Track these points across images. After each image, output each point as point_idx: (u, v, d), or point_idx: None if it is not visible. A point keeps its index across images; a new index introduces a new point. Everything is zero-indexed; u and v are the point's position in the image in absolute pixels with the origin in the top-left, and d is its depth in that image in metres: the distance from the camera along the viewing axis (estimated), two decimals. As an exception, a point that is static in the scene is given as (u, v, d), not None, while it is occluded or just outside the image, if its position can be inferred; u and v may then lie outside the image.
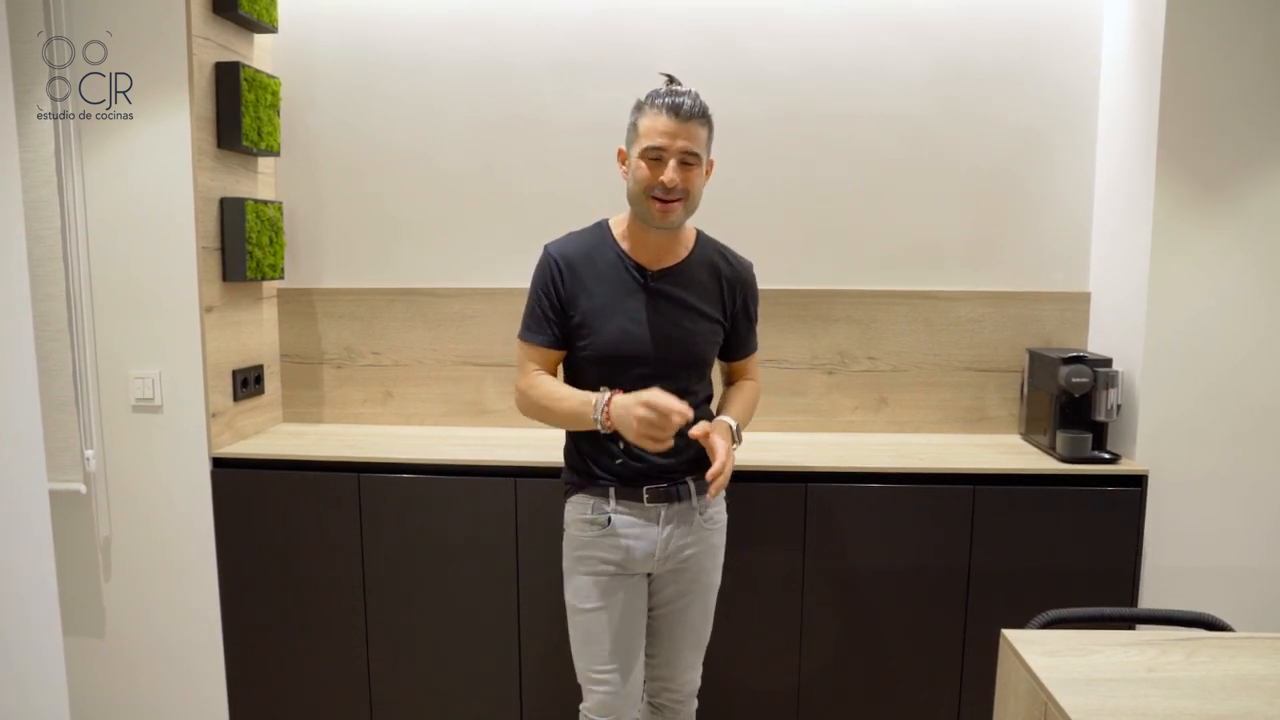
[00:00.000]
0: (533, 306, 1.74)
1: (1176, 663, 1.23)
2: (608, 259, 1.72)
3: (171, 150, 2.16)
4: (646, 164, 1.65)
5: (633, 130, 1.68)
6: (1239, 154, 2.11)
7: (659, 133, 1.63)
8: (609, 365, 1.69)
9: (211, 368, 2.23)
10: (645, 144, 1.64)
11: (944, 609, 2.16)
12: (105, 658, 2.32)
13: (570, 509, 1.78)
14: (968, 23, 2.39)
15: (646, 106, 1.67)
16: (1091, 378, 2.16)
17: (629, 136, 1.70)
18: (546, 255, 1.74)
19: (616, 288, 1.70)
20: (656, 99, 1.66)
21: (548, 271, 1.72)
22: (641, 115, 1.67)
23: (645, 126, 1.65)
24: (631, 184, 1.68)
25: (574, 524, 1.76)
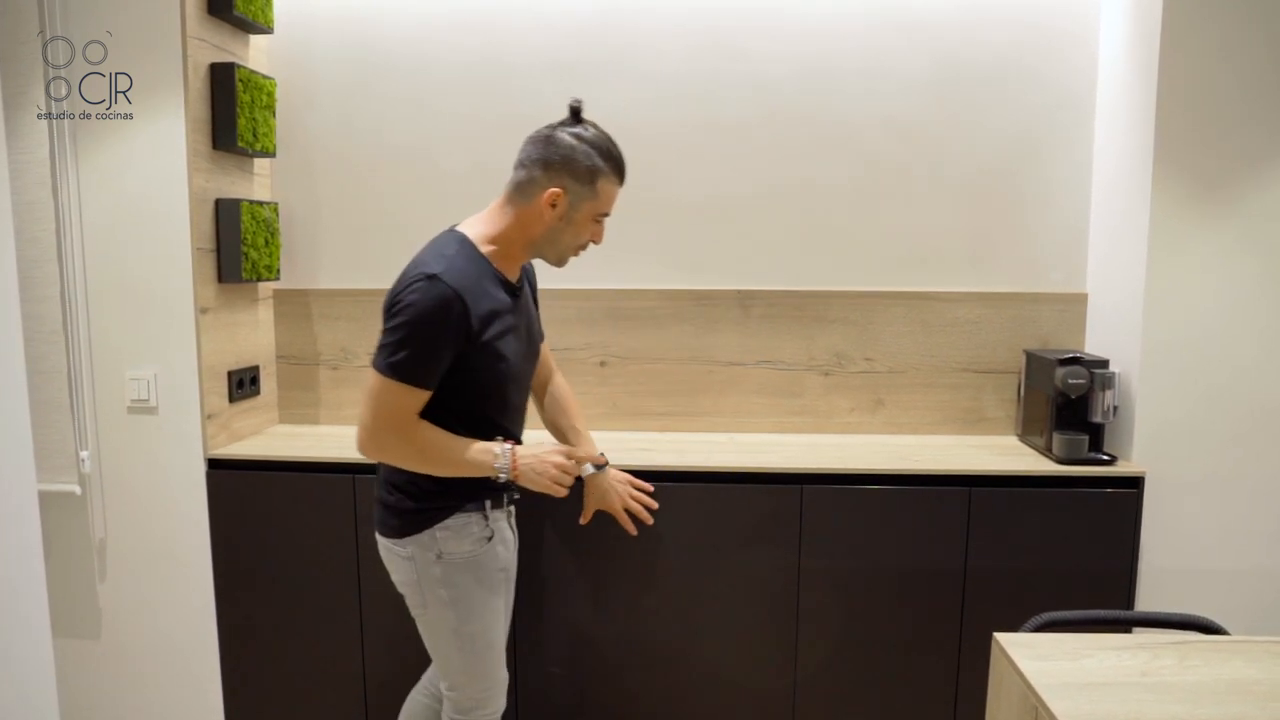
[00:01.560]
0: (420, 349, 1.56)
1: (1169, 667, 1.23)
2: (489, 280, 1.66)
3: (167, 151, 2.16)
4: (595, 225, 1.72)
5: (590, 189, 1.67)
6: (1236, 154, 2.11)
7: (613, 200, 1.72)
8: (501, 383, 1.70)
9: (207, 369, 2.23)
10: (603, 210, 1.71)
11: (940, 611, 2.15)
12: (100, 659, 2.32)
13: (447, 535, 1.69)
14: (965, 24, 2.38)
15: (608, 172, 1.68)
16: (1088, 379, 2.15)
17: (577, 189, 1.66)
18: (447, 290, 1.55)
19: (504, 310, 1.68)
20: (613, 163, 1.69)
21: (451, 312, 1.56)
22: (604, 178, 1.68)
23: (606, 192, 1.69)
24: (569, 236, 1.70)
25: (460, 548, 1.70)
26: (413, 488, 1.70)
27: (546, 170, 1.66)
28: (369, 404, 1.61)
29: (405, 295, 1.57)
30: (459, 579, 1.72)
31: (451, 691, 1.80)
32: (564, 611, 2.20)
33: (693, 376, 2.51)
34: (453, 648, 1.76)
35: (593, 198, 1.67)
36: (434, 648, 1.80)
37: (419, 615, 1.78)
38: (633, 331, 2.50)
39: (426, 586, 1.72)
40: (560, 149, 1.65)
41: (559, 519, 2.16)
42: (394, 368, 1.57)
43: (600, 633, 2.20)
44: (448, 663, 1.79)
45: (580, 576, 2.18)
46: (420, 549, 1.70)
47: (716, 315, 2.49)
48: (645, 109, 2.45)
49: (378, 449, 1.65)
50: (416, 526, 1.70)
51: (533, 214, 1.68)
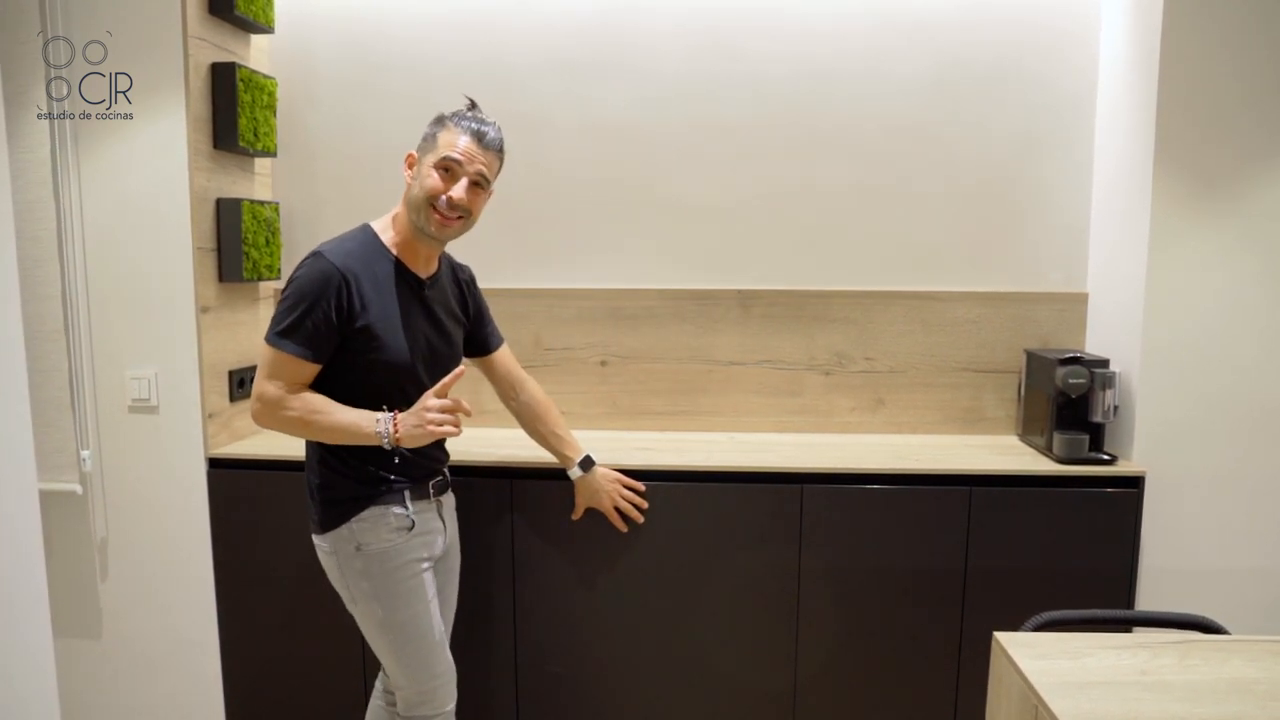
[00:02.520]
0: (301, 317, 1.62)
1: (1168, 666, 1.23)
2: (385, 268, 1.72)
3: (167, 151, 2.16)
4: (438, 174, 1.70)
5: (430, 140, 1.72)
6: (1236, 154, 2.11)
7: (459, 150, 1.70)
8: (391, 374, 1.72)
9: (208, 368, 2.23)
10: (443, 154, 1.69)
11: (941, 610, 2.15)
12: (101, 658, 2.33)
13: (364, 526, 1.71)
14: (966, 24, 2.38)
15: (450, 123, 1.72)
16: (1089, 378, 2.15)
17: (423, 146, 1.73)
18: (328, 265, 1.64)
19: (397, 298, 1.72)
20: (462, 120, 1.72)
21: (330, 284, 1.63)
22: (442, 129, 1.72)
23: (445, 140, 1.70)
24: (417, 190, 1.72)
25: (378, 539, 1.72)
26: (329, 480, 1.73)
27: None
28: (259, 373, 1.68)
29: (295, 273, 1.68)
30: (379, 569, 1.73)
31: (399, 690, 1.81)
32: (564, 611, 2.20)
33: (693, 376, 2.51)
34: (385, 641, 1.77)
35: (434, 147, 1.71)
36: (372, 644, 1.82)
37: (351, 610, 1.80)
38: (633, 331, 2.50)
39: (350, 580, 1.74)
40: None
41: (558, 520, 2.16)
42: (278, 336, 1.65)
43: (600, 632, 2.20)
44: (386, 659, 1.80)
45: (580, 576, 2.18)
46: (340, 542, 1.73)
47: (717, 315, 2.49)
48: (645, 109, 2.45)
49: (267, 415, 1.68)
50: (335, 521, 1.73)
51: (406, 187, 1.76)
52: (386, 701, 1.96)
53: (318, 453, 1.76)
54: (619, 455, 2.20)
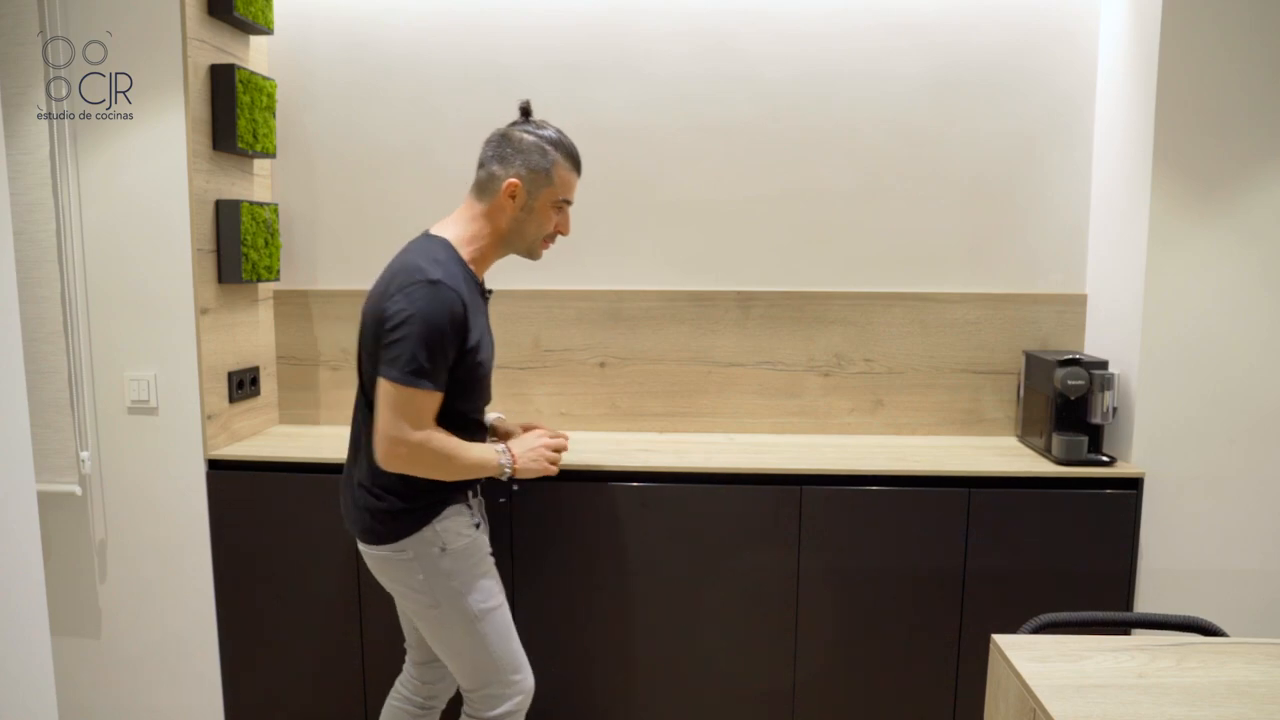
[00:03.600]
0: (433, 353, 1.59)
1: (1167, 669, 1.23)
2: (472, 284, 1.73)
3: (167, 152, 2.16)
4: (554, 212, 1.78)
5: (544, 176, 1.75)
6: (1235, 156, 2.11)
7: (571, 187, 1.80)
8: (482, 387, 1.77)
9: (207, 369, 2.23)
10: (561, 196, 1.78)
11: (939, 612, 2.15)
12: (101, 659, 2.33)
13: (446, 526, 1.71)
14: (965, 26, 2.38)
15: (559, 158, 1.76)
16: (1088, 380, 2.15)
17: (534, 179, 1.74)
18: (452, 295, 1.61)
19: (482, 312, 1.76)
20: (565, 151, 1.78)
21: (455, 313, 1.61)
22: (555, 166, 1.76)
23: (561, 179, 1.77)
24: (534, 226, 1.77)
25: (459, 537, 1.73)
26: (404, 488, 1.69)
27: (503, 164, 1.74)
28: (391, 415, 1.60)
29: (407, 303, 1.59)
30: (465, 566, 1.73)
31: (478, 690, 1.77)
32: (563, 612, 2.20)
33: (692, 377, 2.51)
34: (475, 637, 1.74)
35: (549, 184, 1.75)
36: (452, 647, 1.76)
37: (430, 616, 1.74)
38: (632, 332, 2.50)
39: (436, 582, 1.71)
40: (514, 144, 1.75)
41: (558, 521, 2.16)
42: (414, 375, 1.59)
43: (599, 633, 2.20)
44: (473, 657, 1.75)
45: (579, 577, 2.18)
46: (423, 545, 1.70)
47: (716, 316, 2.49)
48: (644, 110, 2.45)
49: (407, 460, 1.64)
50: (415, 525, 1.70)
51: (496, 209, 1.75)
52: (412, 705, 1.92)
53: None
54: (618, 457, 2.20)
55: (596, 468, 2.15)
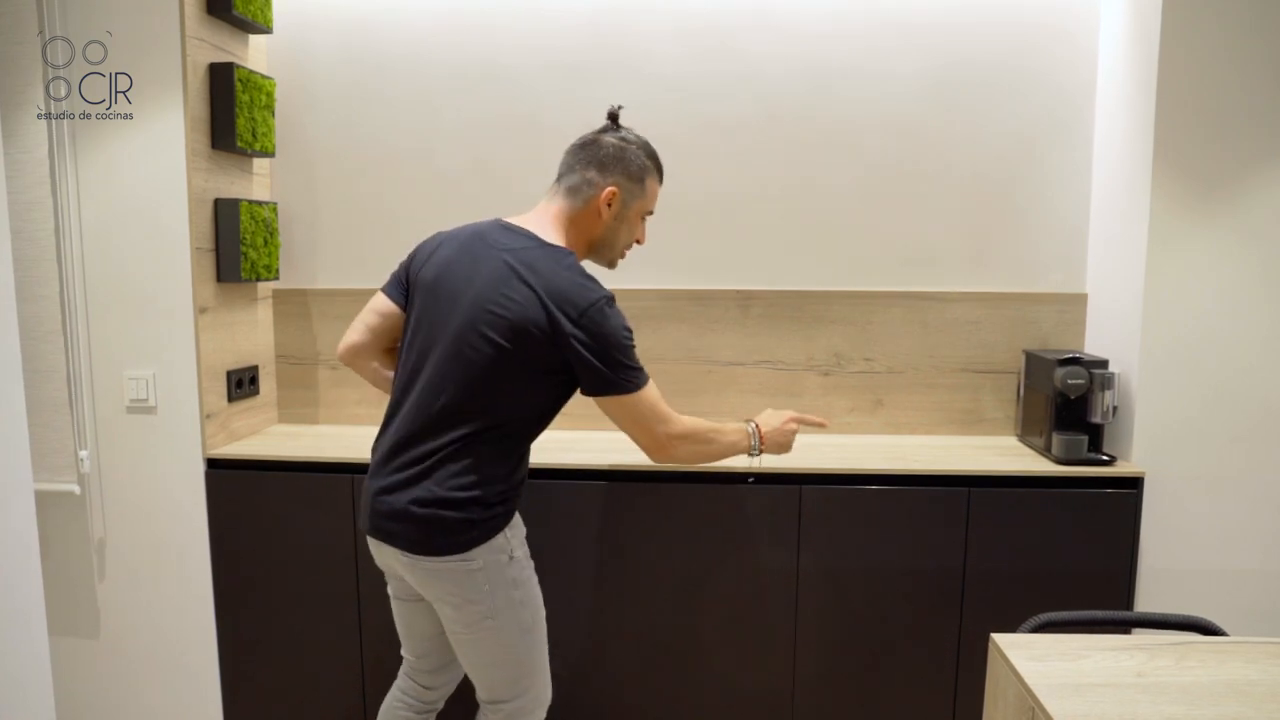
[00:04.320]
0: (630, 354, 1.65)
1: (1166, 668, 1.22)
2: None
3: (166, 151, 2.16)
4: (641, 223, 1.80)
5: (639, 187, 1.75)
6: (1236, 155, 2.10)
7: (656, 199, 1.81)
8: None
9: (206, 369, 2.23)
10: (650, 207, 1.80)
11: (939, 611, 2.15)
12: (99, 659, 2.33)
13: (513, 534, 1.70)
14: (964, 24, 2.38)
15: (653, 168, 1.78)
16: (1088, 379, 2.15)
17: (630, 189, 1.74)
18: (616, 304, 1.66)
19: None
20: (657, 162, 1.79)
21: None
22: (650, 177, 1.77)
23: (652, 189, 1.78)
24: (625, 235, 1.79)
25: (521, 545, 1.72)
26: (484, 497, 1.62)
27: (601, 171, 1.71)
28: (653, 418, 1.68)
29: (608, 319, 1.61)
30: (526, 575, 1.72)
31: (513, 700, 1.74)
32: (563, 611, 2.20)
33: (691, 376, 2.51)
34: (521, 649, 1.71)
35: (641, 195, 1.76)
36: (496, 659, 1.71)
37: (484, 627, 1.67)
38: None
39: (499, 592, 1.65)
40: (610, 150, 1.72)
41: (557, 521, 2.15)
42: (644, 378, 1.68)
43: (599, 633, 2.20)
44: (516, 669, 1.72)
45: (579, 577, 2.18)
46: (492, 554, 1.64)
47: (715, 315, 2.49)
48: (644, 109, 2.44)
49: (691, 450, 1.75)
50: (489, 533, 1.63)
51: (589, 216, 1.73)
52: (411, 710, 1.88)
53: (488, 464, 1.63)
54: (616, 456, 2.20)
55: (595, 467, 2.15)
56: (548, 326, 1.58)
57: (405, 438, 1.64)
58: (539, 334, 1.58)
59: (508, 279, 1.60)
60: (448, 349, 1.62)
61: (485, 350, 1.59)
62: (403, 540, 1.63)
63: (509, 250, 1.64)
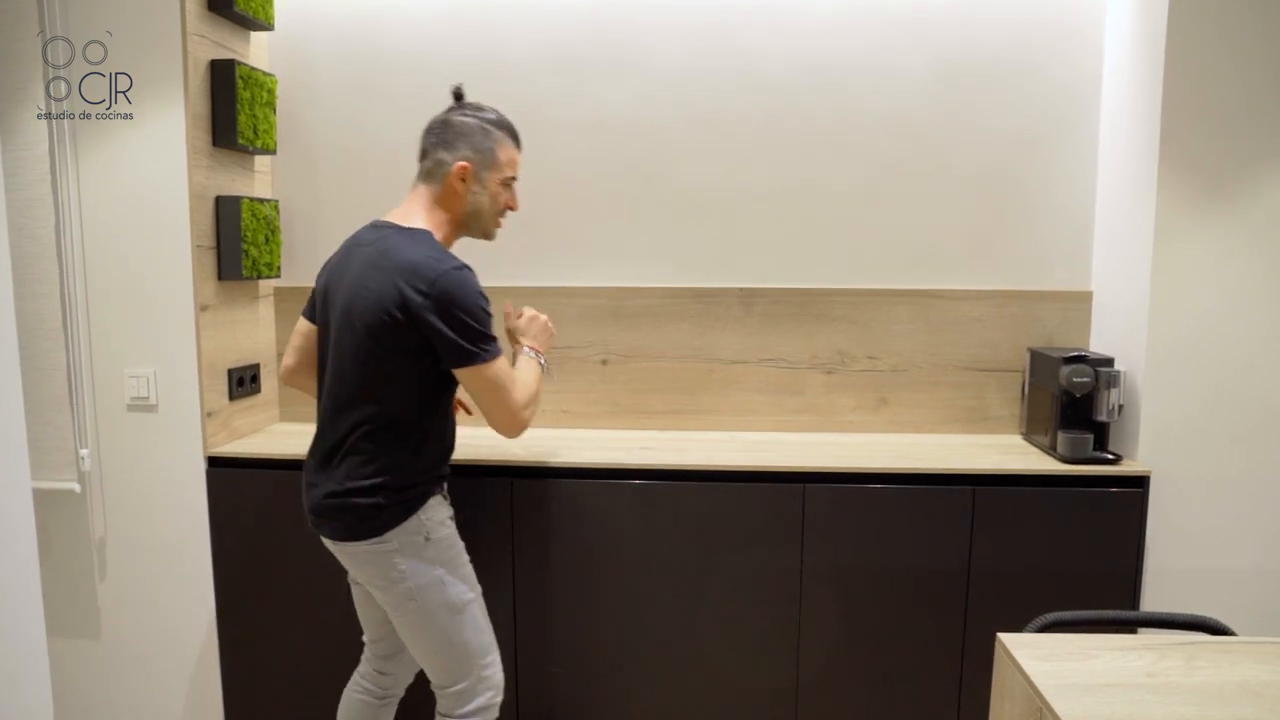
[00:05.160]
0: (489, 317, 1.69)
1: (1176, 668, 1.21)
2: None
3: (167, 148, 2.15)
4: (505, 189, 1.81)
5: (488, 156, 1.78)
6: (1243, 151, 2.09)
7: (516, 164, 1.83)
8: None
9: (207, 367, 2.22)
10: (509, 173, 1.81)
11: (943, 611, 2.14)
12: (100, 658, 2.32)
13: (429, 515, 1.74)
14: (968, 20, 2.37)
15: (501, 136, 1.79)
16: (1093, 377, 2.13)
17: (480, 159, 1.77)
18: (473, 275, 1.70)
19: None
20: (506, 130, 1.81)
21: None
22: (498, 145, 1.79)
23: (505, 157, 1.80)
24: (488, 204, 1.80)
25: (441, 526, 1.77)
26: (390, 483, 1.70)
27: (450, 149, 1.76)
28: (501, 391, 1.69)
29: (455, 292, 1.64)
30: (447, 555, 1.77)
31: (457, 684, 1.78)
32: (565, 611, 2.19)
33: (694, 374, 2.50)
34: (453, 630, 1.75)
35: (495, 164, 1.78)
36: (427, 642, 1.77)
37: (409, 609, 1.75)
38: (634, 329, 2.48)
39: (419, 573, 1.72)
40: (456, 128, 1.77)
41: (558, 519, 2.14)
42: (493, 343, 1.68)
43: (601, 632, 2.19)
44: (448, 650, 1.76)
45: (580, 576, 2.17)
46: (407, 536, 1.72)
47: (718, 313, 2.48)
48: (646, 105, 2.44)
49: (531, 416, 1.76)
50: (401, 516, 1.71)
51: (449, 195, 1.77)
52: (371, 695, 1.95)
53: (388, 451, 1.70)
54: (620, 455, 2.19)
55: (597, 465, 2.14)
56: (402, 305, 1.63)
57: (319, 434, 1.78)
58: (399, 316, 1.63)
59: (367, 272, 1.69)
60: (335, 349, 1.73)
61: (360, 343, 1.68)
62: (328, 529, 1.76)
63: (370, 244, 1.74)
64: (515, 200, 1.85)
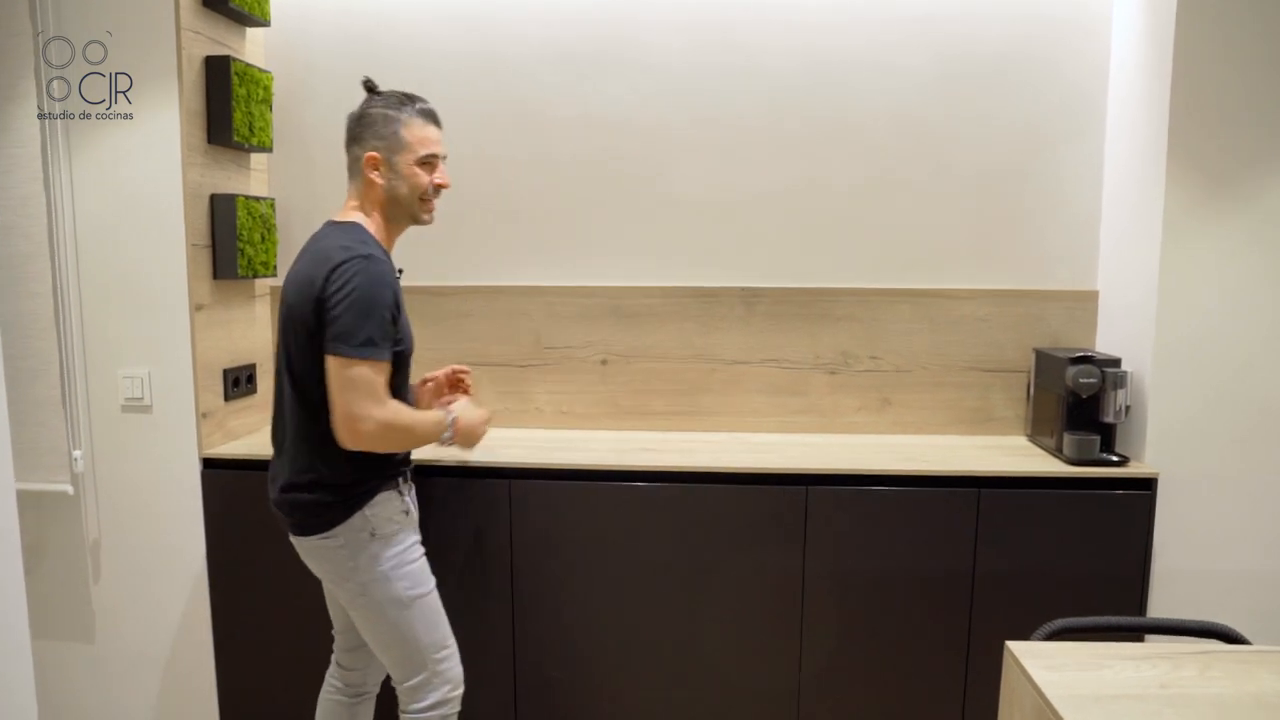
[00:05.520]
0: (382, 319, 1.64)
1: (1190, 679, 1.18)
2: (390, 260, 1.77)
3: (161, 146, 2.12)
4: (421, 169, 1.77)
5: (393, 139, 1.75)
6: (1252, 149, 2.06)
7: (433, 141, 1.78)
8: (406, 363, 1.79)
9: (202, 367, 2.19)
10: (422, 151, 1.76)
11: (948, 615, 2.11)
12: (94, 662, 2.29)
13: (376, 512, 1.73)
14: (973, 16, 2.34)
15: (406, 117, 1.76)
16: (1100, 378, 2.10)
17: (386, 146, 1.75)
18: (384, 266, 1.68)
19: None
20: (417, 112, 1.77)
21: (392, 282, 1.68)
22: (404, 126, 1.75)
23: (415, 136, 1.76)
24: (405, 189, 1.76)
25: (387, 523, 1.75)
26: (332, 480, 1.71)
27: (358, 142, 1.78)
28: (352, 393, 1.63)
29: (348, 278, 1.63)
30: (395, 551, 1.75)
31: (411, 679, 1.78)
32: (564, 614, 2.16)
33: (696, 375, 2.47)
34: (404, 625, 1.75)
35: (402, 146, 1.75)
36: (381, 637, 1.78)
37: (360, 604, 1.76)
38: (635, 329, 2.46)
39: (366, 568, 1.73)
40: (363, 120, 1.78)
41: (558, 521, 2.12)
42: (365, 346, 1.62)
43: (600, 636, 2.16)
44: (401, 645, 1.77)
45: (580, 579, 2.14)
46: (353, 532, 1.72)
47: (720, 313, 2.45)
48: (645, 103, 2.41)
49: (373, 436, 1.66)
50: (346, 513, 1.72)
51: (369, 186, 1.77)
52: (341, 694, 1.95)
53: (317, 448, 1.71)
54: (620, 456, 2.16)
55: (598, 468, 2.11)
56: (314, 293, 1.64)
57: (271, 432, 1.83)
58: (314, 305, 1.65)
59: (299, 267, 1.73)
60: (281, 343, 1.75)
61: (291, 338, 1.70)
62: (284, 524, 1.80)
63: (311, 242, 1.77)
64: (444, 178, 1.81)
